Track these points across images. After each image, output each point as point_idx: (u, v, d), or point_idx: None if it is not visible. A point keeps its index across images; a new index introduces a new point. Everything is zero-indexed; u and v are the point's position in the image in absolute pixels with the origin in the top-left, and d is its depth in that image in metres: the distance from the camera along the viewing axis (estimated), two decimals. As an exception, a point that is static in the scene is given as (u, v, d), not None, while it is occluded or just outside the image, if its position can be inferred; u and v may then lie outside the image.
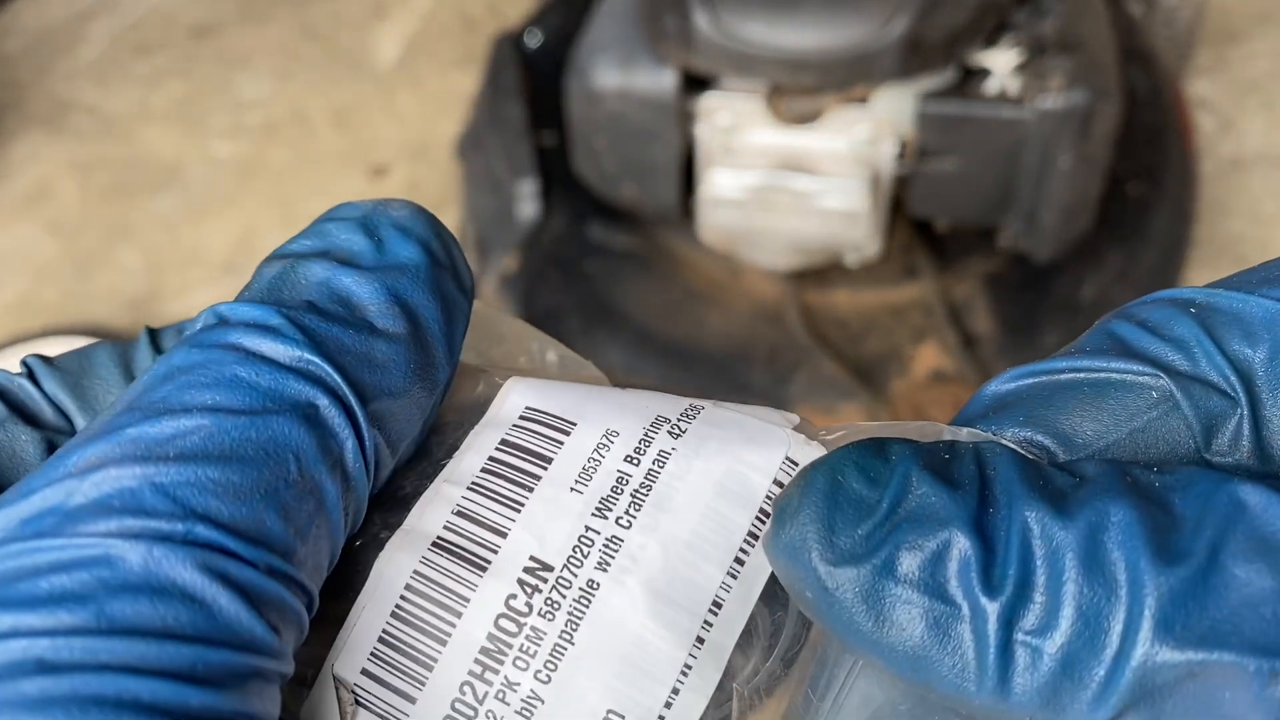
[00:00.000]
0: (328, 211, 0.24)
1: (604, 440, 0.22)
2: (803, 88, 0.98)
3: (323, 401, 0.20)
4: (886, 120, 0.99)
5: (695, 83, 1.01)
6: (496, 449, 0.23)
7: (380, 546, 0.22)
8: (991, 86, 0.98)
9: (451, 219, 1.57)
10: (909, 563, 0.18)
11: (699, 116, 1.02)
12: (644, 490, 0.22)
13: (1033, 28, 0.99)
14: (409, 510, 0.22)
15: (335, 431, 0.20)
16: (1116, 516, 0.18)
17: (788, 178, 1.00)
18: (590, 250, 1.15)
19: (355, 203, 0.24)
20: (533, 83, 1.21)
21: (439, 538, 0.22)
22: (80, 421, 0.23)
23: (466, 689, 0.20)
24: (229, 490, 0.18)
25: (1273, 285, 0.21)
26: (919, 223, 1.10)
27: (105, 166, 1.82)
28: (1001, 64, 0.98)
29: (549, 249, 1.15)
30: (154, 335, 0.24)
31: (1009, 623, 0.18)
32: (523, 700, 0.20)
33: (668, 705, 0.20)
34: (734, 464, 0.22)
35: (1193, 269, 1.43)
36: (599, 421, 0.23)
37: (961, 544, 0.18)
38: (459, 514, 0.22)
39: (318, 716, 0.21)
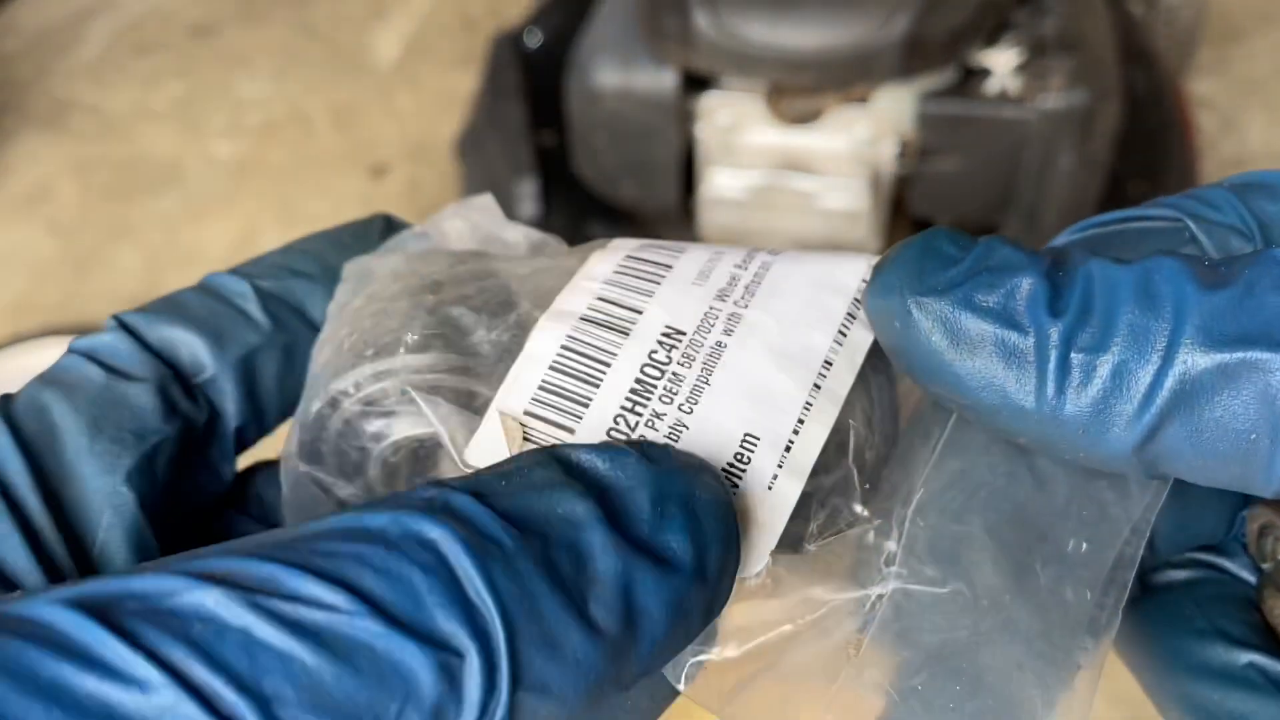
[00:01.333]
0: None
1: (713, 256, 0.26)
2: (803, 87, 0.98)
3: (470, 655, 0.17)
4: (887, 120, 0.99)
5: (695, 82, 1.01)
6: (624, 260, 0.26)
7: None
8: (992, 86, 0.98)
9: (451, 219, 1.56)
10: (985, 296, 0.21)
11: (699, 116, 1.01)
12: (755, 283, 0.26)
13: (1033, 27, 0.99)
14: None
15: (461, 699, 0.16)
16: (1168, 263, 0.21)
17: (788, 177, 1.00)
18: (590, 250, 1.15)
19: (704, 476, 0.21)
20: (532, 82, 1.20)
21: (584, 315, 0.25)
22: (201, 350, 0.24)
23: (620, 419, 0.23)
24: (314, 694, 0.16)
25: None
26: (919, 222, 1.10)
27: (104, 166, 1.82)
28: (1002, 64, 0.98)
29: (549, 249, 1.15)
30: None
31: (1068, 341, 0.20)
32: (670, 426, 0.23)
33: (795, 432, 0.23)
34: (828, 269, 0.26)
35: (1193, 269, 1.42)
36: (705, 250, 0.27)
37: (1031, 283, 0.21)
38: (600, 299, 0.25)
39: (484, 446, 0.24)
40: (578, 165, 1.09)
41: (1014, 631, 0.23)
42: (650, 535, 0.19)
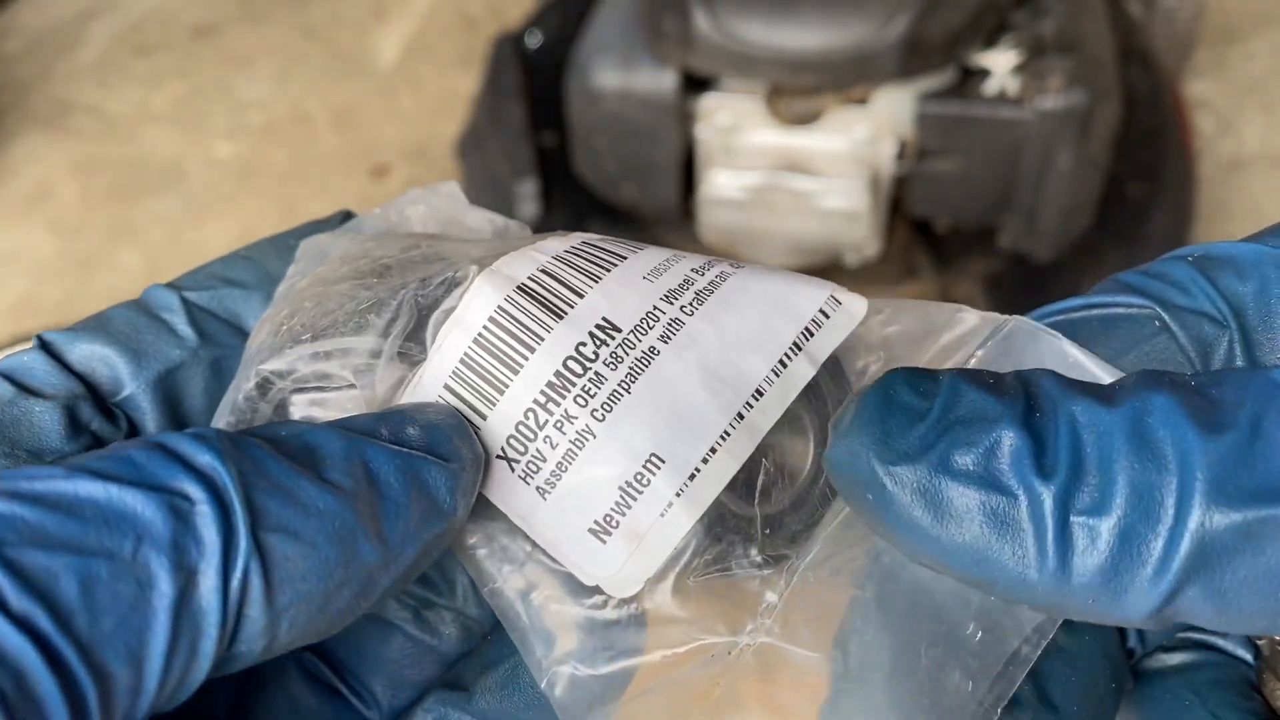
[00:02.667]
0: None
1: (673, 257, 0.25)
2: (802, 88, 0.98)
3: (201, 500, 0.19)
4: (886, 120, 0.99)
5: (695, 83, 1.01)
6: (581, 243, 0.25)
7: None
8: (991, 87, 0.98)
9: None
10: (963, 458, 0.19)
11: (699, 117, 1.02)
12: (707, 291, 0.24)
13: (1032, 28, 0.99)
14: None
15: (200, 536, 0.18)
16: (1158, 401, 0.19)
17: (787, 178, 1.00)
18: (590, 250, 1.15)
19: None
20: (533, 83, 1.21)
21: (524, 284, 0.24)
22: (121, 367, 0.24)
23: (530, 414, 0.23)
24: (36, 536, 0.18)
25: (1263, 236, 0.23)
26: (919, 223, 1.10)
27: (106, 167, 1.82)
28: (1001, 64, 0.99)
29: (549, 249, 1.15)
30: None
31: (1065, 504, 0.18)
32: (577, 432, 0.22)
33: (704, 460, 0.22)
34: (786, 291, 0.24)
35: (1192, 269, 1.43)
36: (668, 251, 0.26)
37: (1012, 438, 0.19)
38: (544, 271, 0.24)
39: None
40: (578, 166, 1.10)
41: (875, 712, 0.22)
42: (378, 428, 0.22)
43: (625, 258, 0.25)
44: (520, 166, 1.17)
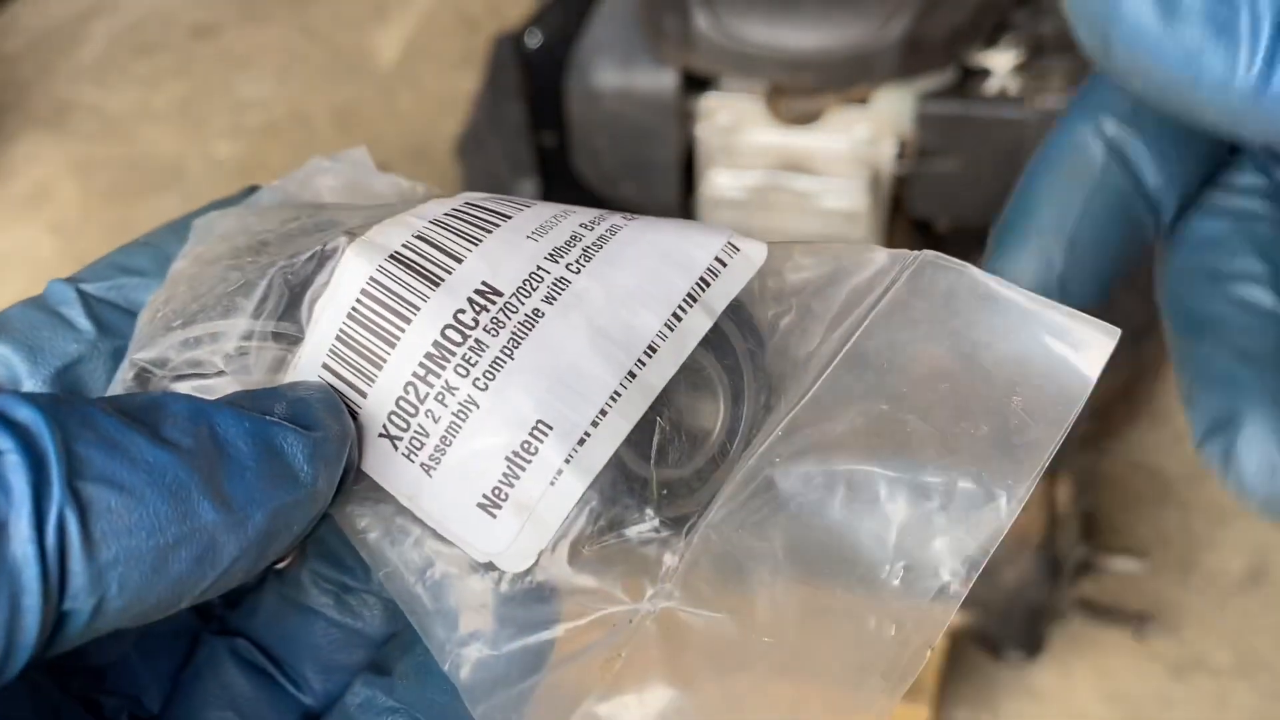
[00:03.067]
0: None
1: (562, 211, 0.24)
2: (802, 88, 0.98)
3: (9, 450, 0.17)
4: (886, 120, 0.99)
5: (695, 83, 1.01)
6: (464, 204, 0.24)
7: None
8: (991, 86, 0.98)
9: (452, 219, 1.56)
10: None
11: (699, 116, 1.02)
12: (595, 247, 0.23)
13: (1032, 27, 0.99)
14: None
15: (7, 484, 0.17)
16: None
17: (787, 178, 1.00)
18: (590, 250, 1.15)
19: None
20: (533, 83, 1.21)
21: (396, 252, 0.23)
22: (17, 365, 0.24)
23: (410, 389, 0.22)
24: None
25: None
26: (919, 223, 1.10)
27: (106, 167, 1.82)
28: (1001, 64, 0.99)
29: (549, 249, 1.15)
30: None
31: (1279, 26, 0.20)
32: (460, 403, 0.22)
33: (594, 424, 0.21)
34: (679, 240, 0.23)
35: (1193, 269, 1.43)
36: (556, 207, 0.24)
37: None
38: (419, 237, 0.23)
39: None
40: (578, 165, 1.09)
41: (787, 669, 0.21)
42: (240, 400, 0.21)
43: (510, 217, 0.24)
44: (520, 166, 1.17)
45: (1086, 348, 0.22)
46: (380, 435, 0.22)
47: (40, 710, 0.23)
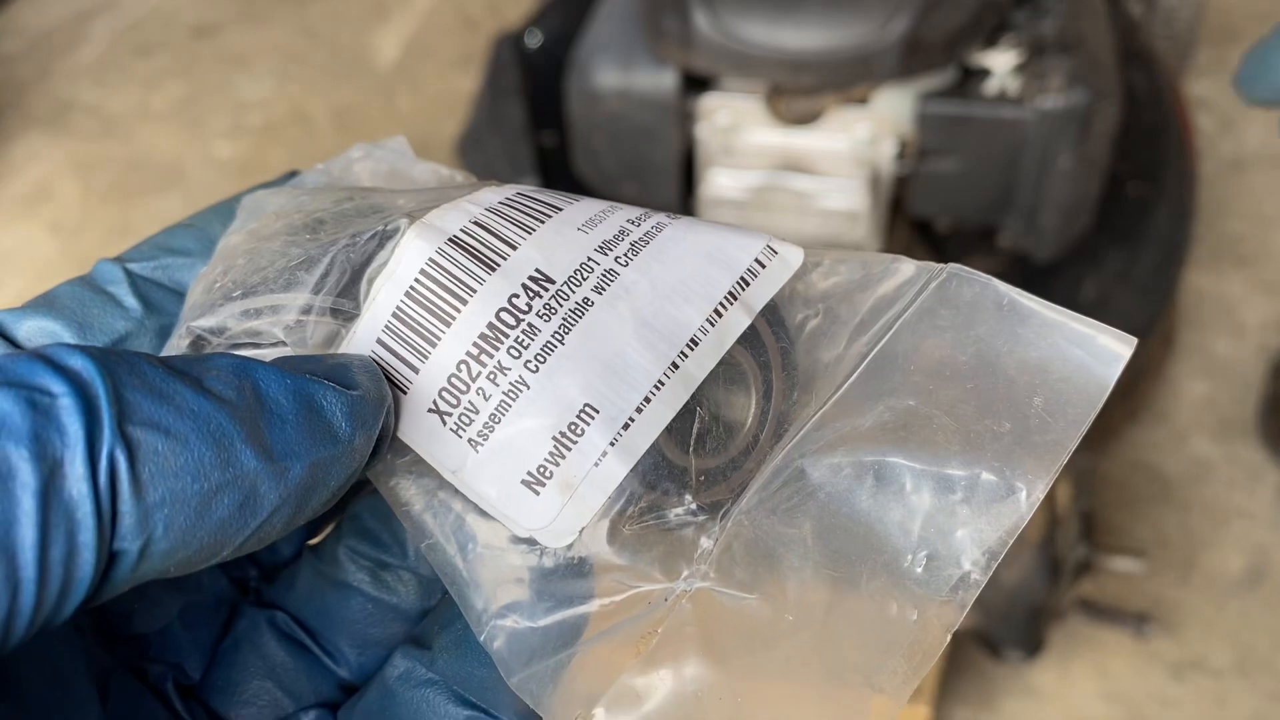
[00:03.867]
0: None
1: (609, 206, 0.25)
2: (802, 88, 0.98)
3: (63, 394, 0.18)
4: (886, 120, 0.99)
5: (695, 83, 1.01)
6: (516, 194, 0.25)
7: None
8: (991, 86, 0.98)
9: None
10: None
11: (699, 116, 1.02)
12: (643, 242, 0.24)
13: (1032, 28, 0.99)
14: None
15: (63, 426, 0.18)
16: None
17: (787, 178, 1.00)
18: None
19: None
20: (533, 83, 1.21)
21: (455, 236, 0.24)
22: (67, 340, 0.24)
23: (463, 367, 0.23)
24: None
25: None
26: (919, 223, 1.10)
27: (106, 167, 1.82)
28: (1001, 64, 0.99)
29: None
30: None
31: None
32: (511, 383, 0.22)
33: (638, 410, 0.22)
34: (721, 241, 0.24)
35: (1192, 269, 1.43)
36: (603, 202, 0.25)
37: None
38: (476, 223, 0.24)
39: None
40: (578, 165, 1.09)
41: (814, 650, 0.22)
42: (281, 362, 0.22)
43: (561, 209, 0.25)
44: (520, 166, 1.17)
45: (1104, 354, 0.23)
46: (429, 410, 0.23)
47: (93, 672, 0.24)
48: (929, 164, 1.00)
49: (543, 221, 0.24)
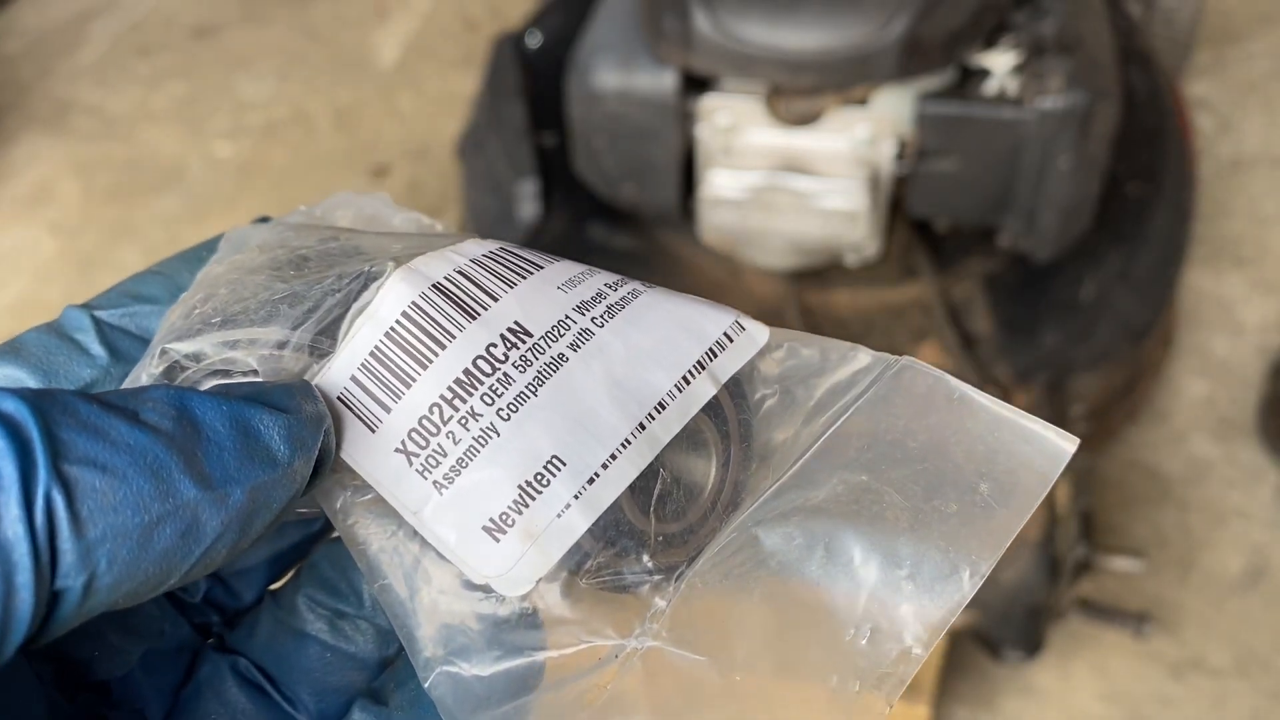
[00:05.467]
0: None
1: (588, 269, 0.26)
2: (802, 89, 0.98)
3: None
4: (886, 121, 0.99)
5: (695, 83, 1.01)
6: (500, 248, 0.26)
7: None
8: (991, 87, 0.99)
9: (452, 219, 1.57)
10: None
11: (699, 117, 1.02)
12: (619, 306, 0.25)
13: (1032, 28, 0.99)
14: None
15: None
16: None
17: (787, 178, 1.00)
18: (590, 250, 1.15)
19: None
20: (533, 83, 1.21)
21: (439, 283, 0.24)
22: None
23: (435, 409, 0.23)
24: None
25: None
26: (918, 223, 1.10)
27: (106, 167, 1.82)
28: (1001, 64, 0.99)
29: (549, 249, 1.15)
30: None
31: None
32: (482, 429, 0.23)
33: (604, 466, 0.23)
34: (693, 313, 0.25)
35: (1192, 269, 1.43)
36: (583, 265, 0.26)
37: None
38: (460, 272, 0.24)
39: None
40: (578, 166, 1.10)
41: (758, 713, 0.22)
42: (216, 389, 0.22)
43: (542, 268, 0.25)
44: (520, 166, 1.17)
45: (1049, 451, 0.24)
46: (397, 450, 0.23)
47: None
48: (928, 164, 1.00)
49: (524, 277, 0.25)
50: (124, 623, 0.26)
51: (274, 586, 0.28)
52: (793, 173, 1.01)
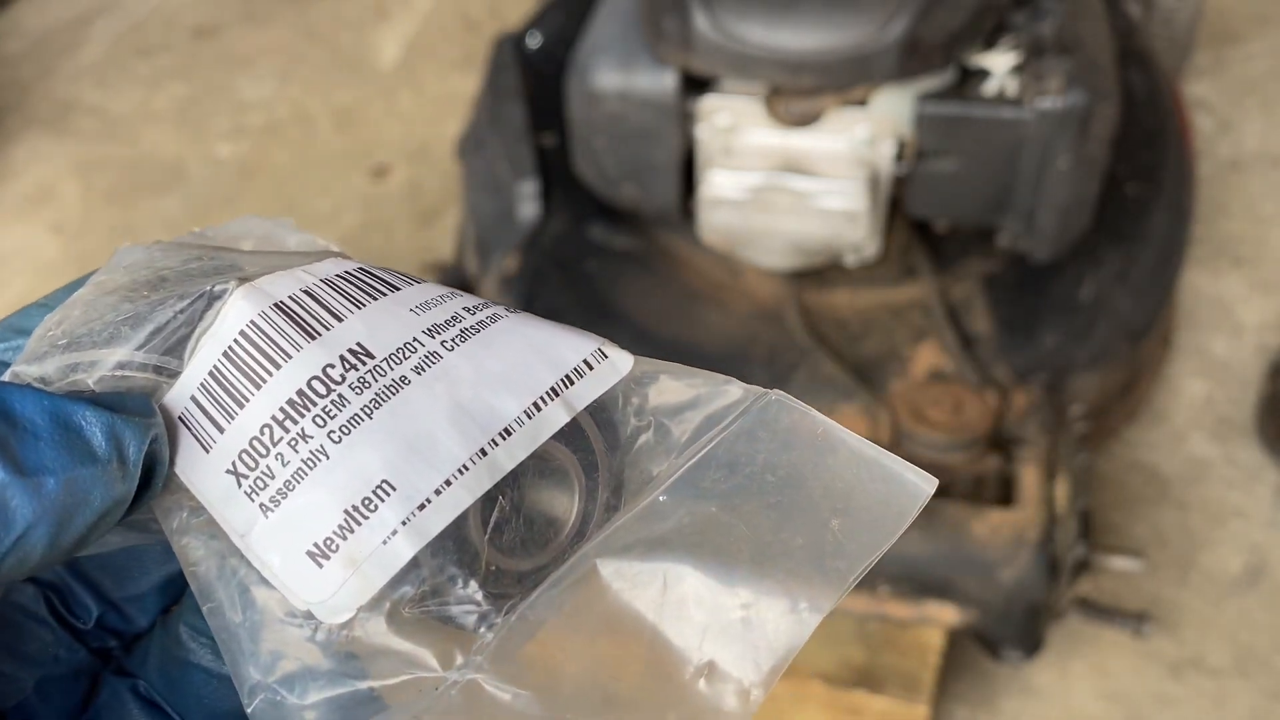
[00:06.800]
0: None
1: (450, 292, 0.26)
2: (802, 89, 0.98)
3: None
4: (885, 121, 1.00)
5: (695, 84, 1.01)
6: (357, 269, 0.25)
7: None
8: (990, 87, 0.99)
9: (452, 219, 1.57)
10: None
11: (699, 117, 1.02)
12: (473, 330, 0.25)
13: (1031, 29, 0.99)
14: None
15: None
16: None
17: (787, 178, 1.01)
18: (590, 250, 1.15)
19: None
20: (533, 84, 1.21)
21: (281, 301, 0.24)
22: None
23: (266, 430, 0.23)
24: None
25: None
26: (918, 223, 1.11)
27: (107, 167, 1.82)
28: (1000, 65, 0.99)
29: (549, 249, 1.15)
30: None
31: None
32: (311, 451, 0.22)
33: (437, 492, 0.22)
34: (553, 339, 0.25)
35: (1191, 269, 1.43)
36: (447, 290, 0.26)
37: None
38: (306, 292, 0.24)
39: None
40: (578, 166, 1.10)
41: None
42: (41, 386, 0.22)
43: (398, 289, 0.25)
44: (520, 166, 1.17)
45: (907, 490, 0.23)
46: (228, 471, 0.23)
47: None
48: (928, 164, 1.01)
49: (374, 299, 0.25)
50: (13, 649, 0.26)
51: (167, 613, 0.28)
52: (792, 173, 1.01)
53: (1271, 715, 1.12)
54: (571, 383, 0.24)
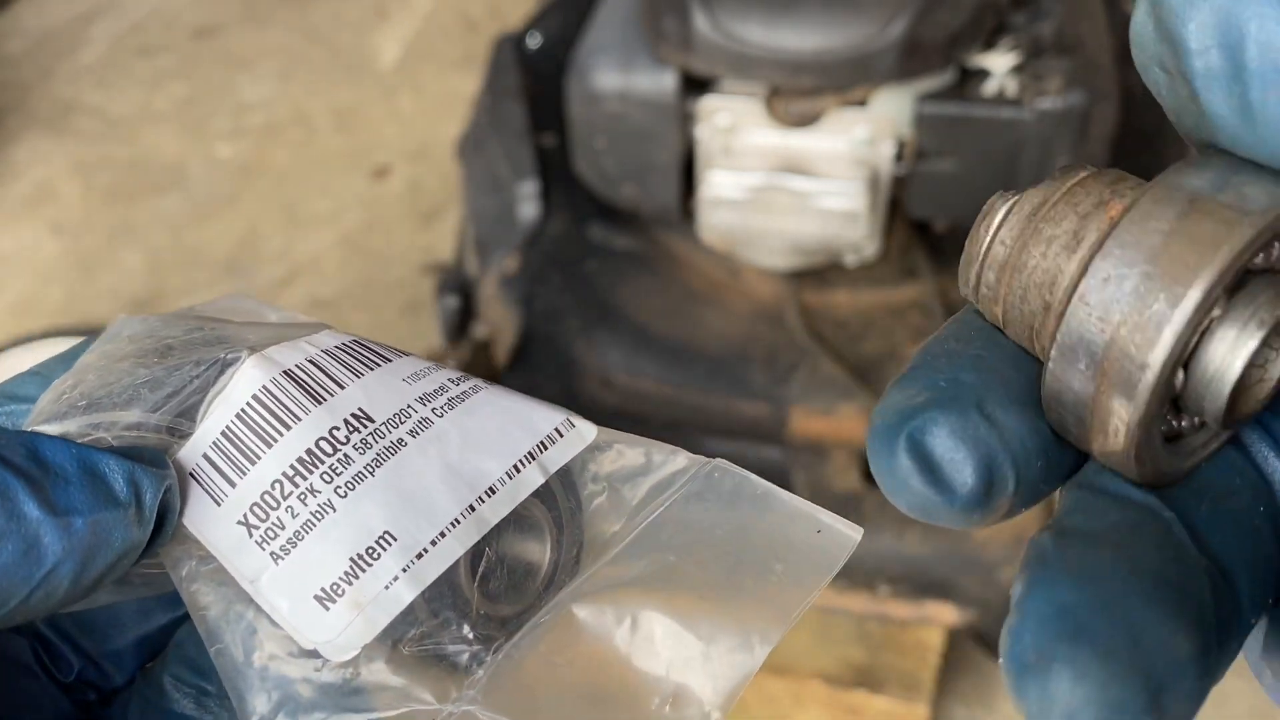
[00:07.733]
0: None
1: (433, 366, 0.28)
2: (802, 89, 0.98)
3: None
4: (885, 121, 1.00)
5: (695, 84, 1.01)
6: (353, 341, 0.28)
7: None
8: (990, 87, 0.99)
9: (452, 219, 1.57)
10: None
11: (699, 118, 1.02)
12: (459, 399, 0.27)
13: (1031, 29, 1.00)
14: None
15: None
16: None
17: (787, 179, 1.01)
18: (590, 250, 1.15)
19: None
20: (533, 84, 1.21)
21: (290, 369, 0.27)
22: None
23: (277, 485, 0.25)
24: None
25: None
26: (918, 223, 1.11)
27: (108, 167, 1.82)
28: (1000, 65, 0.99)
29: (549, 249, 1.15)
30: None
31: None
32: (319, 505, 0.25)
33: (433, 542, 0.25)
34: (527, 410, 0.28)
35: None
36: (430, 362, 0.29)
37: None
38: (311, 361, 0.27)
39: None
40: (578, 167, 1.10)
41: None
42: (67, 436, 0.25)
43: (390, 361, 0.28)
44: (520, 167, 1.17)
45: (837, 539, 0.27)
46: (239, 522, 0.25)
47: None
48: (927, 165, 1.01)
49: (371, 369, 0.27)
50: (5, 698, 0.27)
51: (145, 667, 0.30)
52: (792, 173, 1.01)
53: (1272, 715, 1.12)
54: (545, 448, 0.27)
